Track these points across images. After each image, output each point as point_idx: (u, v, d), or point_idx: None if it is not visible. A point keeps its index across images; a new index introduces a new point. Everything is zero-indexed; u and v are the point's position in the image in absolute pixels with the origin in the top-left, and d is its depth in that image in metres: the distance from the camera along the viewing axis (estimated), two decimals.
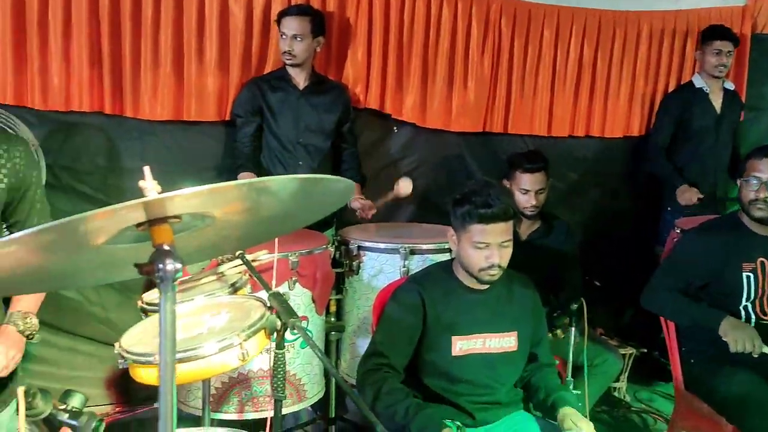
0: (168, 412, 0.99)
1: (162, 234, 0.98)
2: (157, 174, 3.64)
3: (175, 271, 0.97)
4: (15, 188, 1.77)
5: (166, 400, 0.99)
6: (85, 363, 3.47)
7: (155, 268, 0.96)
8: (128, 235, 1.00)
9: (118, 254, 1.04)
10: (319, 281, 2.78)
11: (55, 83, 3.22)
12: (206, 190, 0.92)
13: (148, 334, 1.92)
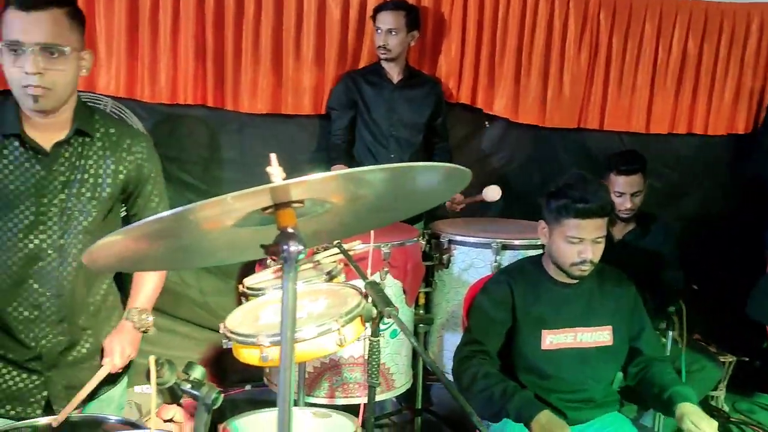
0: (287, 385, 1.03)
1: (286, 217, 1.03)
2: (253, 165, 3.80)
3: (298, 253, 1.01)
4: (133, 182, 1.86)
5: (285, 375, 1.03)
6: (181, 344, 3.63)
7: (280, 249, 1.01)
8: (254, 218, 1.05)
9: (243, 236, 1.10)
10: (409, 273, 2.81)
11: (163, 77, 3.40)
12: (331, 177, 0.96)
13: (250, 317, 2.00)
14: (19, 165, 1.71)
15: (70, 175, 1.75)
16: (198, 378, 1.22)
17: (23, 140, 1.70)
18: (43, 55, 1.59)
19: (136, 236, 1.04)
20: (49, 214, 1.73)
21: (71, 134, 1.74)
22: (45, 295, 1.77)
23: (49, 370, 1.82)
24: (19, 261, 1.74)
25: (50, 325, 1.79)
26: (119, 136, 1.82)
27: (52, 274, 1.76)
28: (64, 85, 1.65)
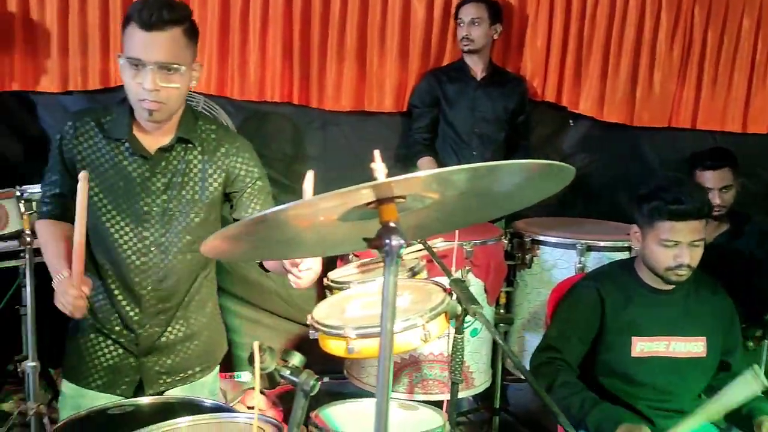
0: (385, 376, 1.05)
1: (389, 212, 1.04)
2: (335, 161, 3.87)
3: (400, 246, 1.03)
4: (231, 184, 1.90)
5: (384, 366, 1.05)
6: (265, 334, 3.73)
7: (382, 243, 1.03)
8: (356, 212, 1.07)
9: (343, 230, 1.13)
10: (491, 272, 2.80)
11: (252, 75, 3.50)
12: (433, 174, 0.97)
13: (336, 309, 2.04)
14: (128, 166, 1.81)
15: (171, 178, 1.84)
16: (297, 365, 1.26)
17: (131, 144, 1.80)
18: (161, 73, 1.68)
19: (247, 230, 1.09)
20: (152, 213, 1.83)
21: (174, 141, 1.83)
22: (146, 289, 1.87)
23: (144, 356, 1.93)
24: (124, 255, 1.84)
25: (148, 315, 1.90)
26: (219, 141, 1.89)
27: (153, 269, 1.86)
28: (176, 98, 1.75)
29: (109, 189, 1.81)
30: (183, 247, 1.88)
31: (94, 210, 1.82)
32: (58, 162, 1.83)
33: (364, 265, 2.50)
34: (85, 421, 1.66)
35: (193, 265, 1.93)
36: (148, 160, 1.81)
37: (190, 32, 1.74)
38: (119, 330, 1.90)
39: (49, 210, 1.87)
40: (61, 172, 1.84)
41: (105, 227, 1.83)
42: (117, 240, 1.84)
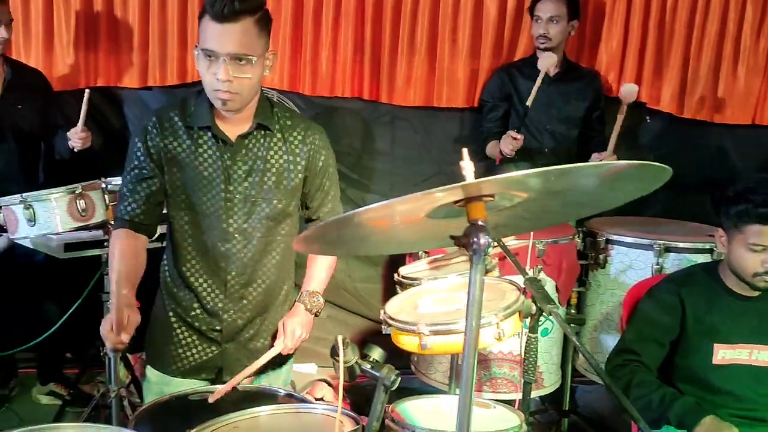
0: (469, 373, 1.05)
1: (477, 210, 1.04)
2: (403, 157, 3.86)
3: (488, 245, 1.02)
4: (309, 171, 1.93)
5: (468, 364, 1.05)
6: (333, 328, 3.77)
7: (470, 242, 1.02)
8: (442, 210, 1.07)
9: (428, 227, 1.13)
10: (563, 271, 2.75)
11: (323, 71, 3.54)
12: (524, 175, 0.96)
13: (408, 305, 2.04)
14: (212, 154, 1.86)
15: (252, 165, 1.87)
16: (377, 359, 1.27)
17: (213, 132, 1.85)
18: (233, 64, 1.71)
19: (340, 225, 1.10)
20: (234, 201, 1.87)
21: (253, 128, 1.86)
22: (231, 275, 1.91)
23: (227, 343, 1.97)
24: (210, 242, 1.89)
25: (232, 302, 1.94)
26: (296, 128, 1.93)
27: (237, 255, 1.90)
28: (249, 88, 1.77)
29: (193, 178, 1.85)
30: (265, 234, 1.91)
31: (178, 200, 1.87)
32: (142, 152, 1.86)
33: (435, 262, 2.50)
34: (167, 406, 1.73)
35: (273, 253, 1.96)
36: (230, 147, 1.85)
37: (263, 22, 1.76)
38: (203, 318, 1.95)
39: (129, 210, 1.87)
40: (147, 160, 1.86)
41: (191, 216, 1.88)
42: (201, 228, 1.88)
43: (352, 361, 1.25)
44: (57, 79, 3.49)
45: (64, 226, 2.44)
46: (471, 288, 1.05)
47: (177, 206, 1.88)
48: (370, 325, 3.82)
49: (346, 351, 1.23)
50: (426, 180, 3.71)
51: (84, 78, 3.54)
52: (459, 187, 1.02)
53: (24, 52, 3.45)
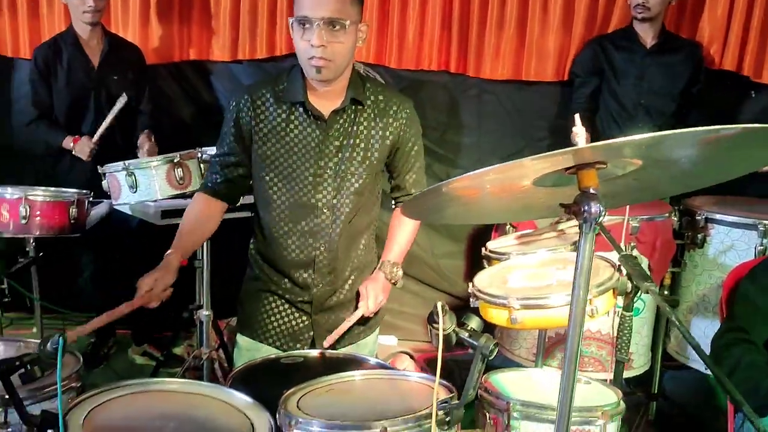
0: (574, 344, 1.03)
1: (588, 178, 1.01)
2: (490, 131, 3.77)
3: (599, 213, 0.99)
4: (397, 144, 1.95)
5: (574, 335, 1.03)
6: (411, 301, 3.79)
7: (581, 210, 0.99)
8: (550, 178, 1.04)
9: (534, 196, 1.10)
10: (658, 250, 2.64)
11: (410, 44, 3.52)
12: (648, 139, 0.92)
13: (498, 279, 2.02)
14: (303, 129, 1.87)
15: (343, 140, 1.88)
16: (475, 328, 1.26)
17: (306, 107, 1.86)
18: (327, 29, 1.72)
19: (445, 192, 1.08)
20: (324, 176, 1.89)
21: (346, 103, 1.87)
22: (319, 249, 1.94)
23: (316, 314, 2.01)
24: (299, 217, 1.92)
25: (321, 275, 1.97)
26: (387, 102, 1.92)
27: (325, 230, 1.93)
28: (343, 56, 1.77)
29: (285, 153, 1.88)
30: (353, 209, 1.93)
31: (270, 175, 1.90)
32: (232, 132, 1.90)
33: (523, 237, 2.46)
34: (259, 368, 1.78)
35: (360, 226, 1.98)
36: (323, 122, 1.86)
37: None
38: (292, 290, 1.99)
39: (214, 180, 1.94)
40: (236, 142, 1.91)
41: (281, 191, 1.91)
42: (290, 203, 1.91)
43: (450, 329, 1.24)
44: (151, 52, 3.61)
45: (162, 193, 2.53)
46: (580, 258, 1.02)
47: (266, 181, 1.91)
48: (452, 300, 3.81)
49: (445, 319, 1.22)
50: (513, 155, 3.64)
51: (177, 51, 3.65)
52: (571, 153, 0.98)
53: (122, 26, 3.59)
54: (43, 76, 3.19)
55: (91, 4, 3.11)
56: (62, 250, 3.25)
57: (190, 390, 1.50)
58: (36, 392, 1.45)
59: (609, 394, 1.60)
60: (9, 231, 2.55)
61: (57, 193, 2.64)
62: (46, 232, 2.59)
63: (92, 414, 1.34)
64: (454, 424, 1.30)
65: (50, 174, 3.30)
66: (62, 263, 3.33)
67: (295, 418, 1.29)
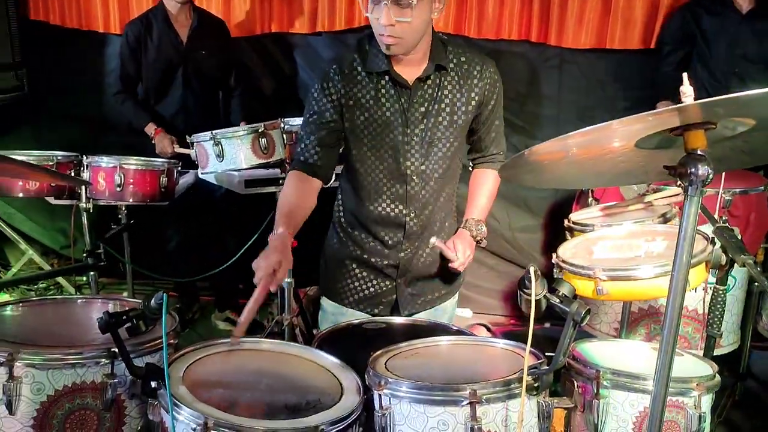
0: (675, 312, 1.01)
1: (696, 139, 0.97)
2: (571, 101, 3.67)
3: (706, 177, 0.96)
4: (482, 104, 1.95)
5: (675, 302, 1.01)
6: (486, 274, 3.78)
7: (687, 172, 0.96)
8: (651, 141, 1.01)
9: (634, 159, 1.07)
10: (751, 225, 2.53)
11: (490, 13, 3.46)
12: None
13: (582, 250, 1.98)
14: (390, 98, 1.88)
15: (428, 107, 1.88)
16: (566, 294, 1.24)
17: (391, 76, 1.86)
18: (394, 8, 1.70)
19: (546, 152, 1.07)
20: (412, 143, 1.89)
21: (430, 70, 1.86)
22: (409, 216, 1.96)
23: (400, 278, 2.03)
24: (388, 184, 1.94)
25: (409, 240, 1.99)
26: (470, 64, 1.91)
27: (415, 197, 1.94)
28: (413, 32, 1.76)
29: (373, 122, 1.89)
30: (441, 174, 1.94)
31: (359, 144, 1.92)
32: (323, 102, 1.91)
33: (608, 209, 2.41)
34: (344, 332, 1.82)
35: (445, 191, 1.99)
36: (407, 90, 1.87)
37: None
38: (379, 254, 2.01)
39: (306, 155, 1.93)
40: (327, 112, 1.91)
41: (370, 160, 1.93)
42: (379, 171, 1.93)
43: (541, 294, 1.23)
44: (235, 26, 3.69)
45: (247, 162, 2.60)
46: (684, 222, 1.00)
47: (355, 149, 1.93)
48: None
49: (537, 284, 1.21)
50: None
51: (259, 24, 3.71)
52: (677, 111, 0.95)
53: (206, 0, 3.68)
54: (133, 51, 3.31)
55: None
56: (151, 218, 3.41)
57: (281, 350, 1.55)
58: (138, 346, 1.53)
59: (704, 366, 1.56)
60: (105, 198, 2.68)
61: (148, 162, 2.75)
62: (138, 200, 2.71)
63: (191, 368, 1.41)
64: (543, 389, 1.30)
65: (136, 145, 3.44)
66: (151, 231, 3.48)
67: (385, 378, 1.32)
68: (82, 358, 1.47)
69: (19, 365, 1.43)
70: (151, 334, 1.44)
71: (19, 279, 3.78)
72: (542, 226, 3.73)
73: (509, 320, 3.86)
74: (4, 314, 1.75)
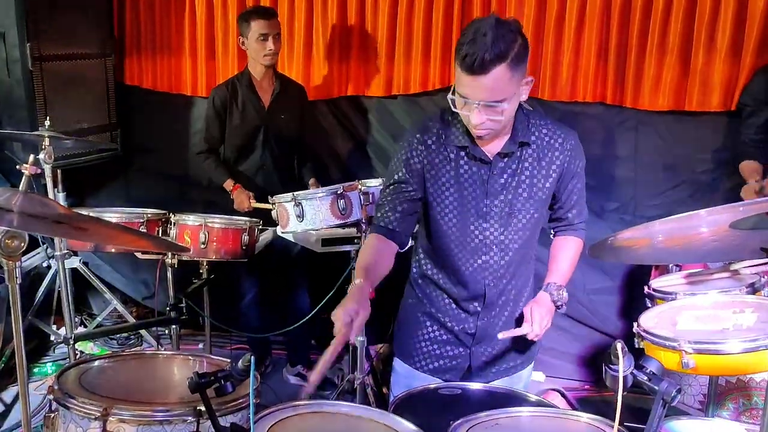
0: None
1: None
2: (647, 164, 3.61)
3: None
4: (562, 176, 1.95)
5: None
6: (560, 337, 3.68)
7: None
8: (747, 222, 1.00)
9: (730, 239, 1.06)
10: None
11: (564, 75, 3.48)
12: None
13: (666, 320, 1.93)
14: (468, 169, 1.91)
15: (508, 179, 1.91)
16: (654, 372, 1.21)
17: (472, 151, 1.89)
18: (486, 108, 1.73)
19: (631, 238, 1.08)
20: (491, 213, 1.92)
21: (512, 146, 1.89)
22: (488, 285, 1.97)
23: (474, 345, 2.03)
24: (468, 254, 1.96)
25: (485, 309, 2.00)
26: (551, 137, 1.92)
27: (493, 267, 1.96)
28: (504, 122, 1.79)
29: (453, 192, 1.93)
30: (522, 245, 1.95)
31: (439, 213, 1.95)
32: (405, 171, 1.94)
33: (691, 276, 2.34)
34: (419, 397, 1.82)
35: (524, 260, 2.00)
36: (488, 164, 1.90)
37: (516, 61, 1.71)
38: (456, 321, 2.02)
39: (386, 219, 1.96)
40: (408, 179, 1.94)
41: (451, 230, 1.95)
42: (461, 240, 1.95)
43: (628, 371, 1.21)
44: (313, 89, 3.84)
45: (326, 223, 2.67)
46: None
47: (434, 216, 1.96)
48: (603, 338, 3.67)
49: (624, 359, 1.19)
50: (672, 189, 3.49)
51: (336, 87, 3.85)
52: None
53: (288, 65, 3.85)
54: (218, 114, 3.48)
55: (271, 47, 3.37)
56: (229, 273, 3.52)
57: (359, 414, 1.57)
58: (221, 406, 1.58)
59: None
60: (189, 255, 2.79)
61: (231, 221, 2.85)
62: (220, 257, 2.81)
63: (273, 429, 1.44)
64: None
65: (217, 201, 3.59)
66: (228, 285, 3.59)
67: None
68: (170, 416, 1.53)
69: (112, 420, 1.50)
70: (235, 393, 1.49)
71: (107, 330, 3.95)
72: (618, 288, 3.64)
73: (583, 385, 3.74)
74: (96, 368, 1.84)
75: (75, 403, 1.55)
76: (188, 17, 3.96)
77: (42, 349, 3.88)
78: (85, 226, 1.33)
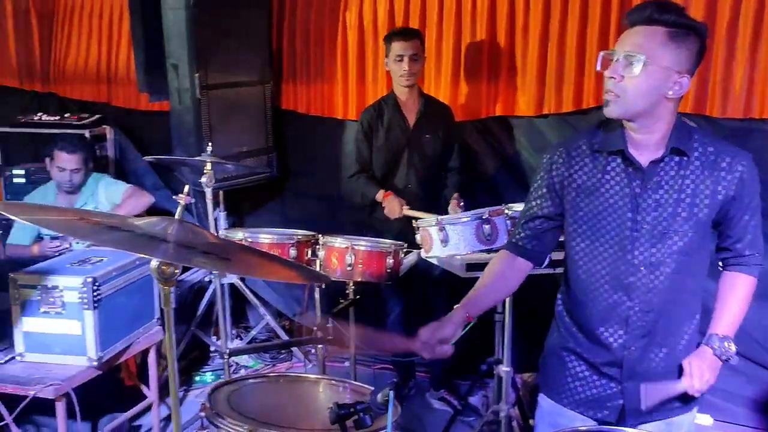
0: None
1: None
2: None
3: None
4: (729, 202, 1.76)
5: None
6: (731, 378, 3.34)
7: None
8: None
9: None
10: None
11: (737, 89, 3.19)
12: None
13: None
14: (619, 181, 1.79)
15: (664, 194, 1.76)
16: None
17: (625, 157, 1.78)
18: (624, 62, 1.67)
19: None
20: (641, 231, 1.77)
21: (666, 153, 1.74)
22: (633, 309, 1.81)
23: (626, 381, 1.86)
24: (613, 273, 1.82)
25: (634, 337, 1.83)
26: (718, 155, 1.75)
27: (641, 289, 1.80)
28: (634, 94, 1.67)
29: (597, 206, 1.81)
30: (676, 269, 1.77)
31: (578, 230, 1.85)
32: (545, 186, 1.89)
33: None
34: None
35: (683, 289, 1.81)
36: (640, 173, 1.76)
37: (677, 36, 1.66)
38: (593, 350, 1.88)
39: (520, 236, 1.93)
40: (548, 196, 1.89)
41: (590, 246, 1.84)
42: (602, 258, 1.82)
43: None
44: (459, 108, 3.81)
45: (470, 248, 2.62)
46: None
47: (577, 235, 1.85)
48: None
49: None
50: None
51: (484, 108, 3.79)
52: None
53: (434, 86, 3.86)
54: (367, 135, 3.56)
55: (406, 68, 3.42)
56: (375, 293, 3.56)
57: None
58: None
59: None
60: (336, 276, 2.84)
61: (377, 244, 2.88)
62: (365, 279, 2.83)
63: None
64: None
65: (367, 223, 3.64)
66: (373, 305, 3.63)
67: None
68: None
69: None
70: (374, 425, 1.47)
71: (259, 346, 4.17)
72: None
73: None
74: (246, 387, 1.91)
75: (223, 423, 1.61)
76: (340, 43, 4.09)
77: (203, 358, 4.15)
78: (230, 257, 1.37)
